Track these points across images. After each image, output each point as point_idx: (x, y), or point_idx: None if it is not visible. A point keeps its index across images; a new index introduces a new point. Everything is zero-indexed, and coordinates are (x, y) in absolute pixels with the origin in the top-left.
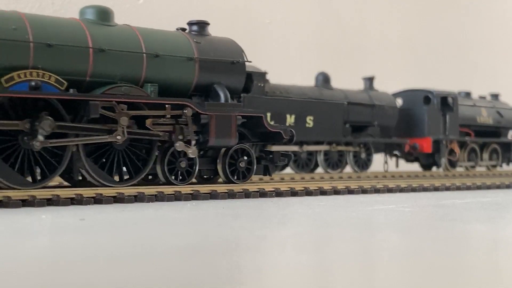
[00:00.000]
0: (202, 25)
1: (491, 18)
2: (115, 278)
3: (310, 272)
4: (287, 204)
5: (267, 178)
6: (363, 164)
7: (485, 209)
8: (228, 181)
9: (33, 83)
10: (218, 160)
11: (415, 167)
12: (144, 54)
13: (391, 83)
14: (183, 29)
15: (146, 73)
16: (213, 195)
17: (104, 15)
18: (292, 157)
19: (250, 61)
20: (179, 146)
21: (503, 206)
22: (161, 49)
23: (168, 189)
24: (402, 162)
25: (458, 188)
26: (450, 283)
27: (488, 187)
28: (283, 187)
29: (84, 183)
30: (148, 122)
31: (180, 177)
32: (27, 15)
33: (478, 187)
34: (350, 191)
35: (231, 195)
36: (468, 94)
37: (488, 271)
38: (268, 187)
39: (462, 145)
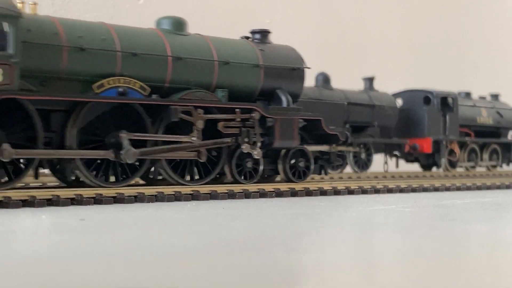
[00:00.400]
0: (264, 34)
1: (491, 18)
2: (115, 278)
3: (310, 272)
4: (287, 204)
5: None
6: (363, 164)
7: (485, 209)
8: (288, 180)
9: (120, 89)
10: (278, 161)
11: (415, 167)
12: (216, 62)
13: (391, 83)
14: (247, 37)
15: (217, 79)
16: (213, 196)
17: (178, 25)
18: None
19: (309, 67)
20: (246, 148)
21: (503, 206)
22: (230, 56)
23: (168, 190)
24: (402, 162)
25: (458, 189)
26: (450, 283)
27: (488, 188)
28: (283, 187)
29: (161, 182)
30: (220, 125)
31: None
32: (114, 26)
33: (478, 188)
34: (350, 192)
35: (231, 195)
36: (468, 94)
37: (488, 271)
38: (268, 188)
39: (462, 145)
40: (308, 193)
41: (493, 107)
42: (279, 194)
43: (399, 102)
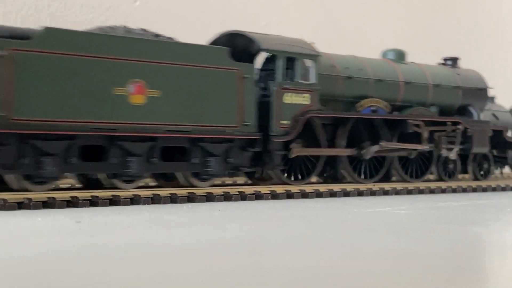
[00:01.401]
0: (455, 60)
1: (486, 21)
2: (110, 280)
3: (305, 274)
4: (283, 206)
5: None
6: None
7: (480, 211)
8: (475, 178)
9: (373, 108)
10: (467, 162)
11: None
12: (430, 85)
13: None
14: (442, 63)
15: (430, 99)
16: (209, 198)
17: (401, 56)
18: None
19: (492, 87)
20: (445, 152)
21: (499, 208)
22: (439, 80)
23: (164, 192)
24: None
25: (454, 191)
26: (445, 285)
27: (484, 190)
28: (279, 189)
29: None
30: (436, 135)
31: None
32: (364, 59)
33: (474, 190)
34: (346, 194)
35: (227, 197)
36: None
37: (484, 273)
38: (264, 190)
39: None
40: (304, 195)
41: (489, 109)
42: (275, 196)
43: None
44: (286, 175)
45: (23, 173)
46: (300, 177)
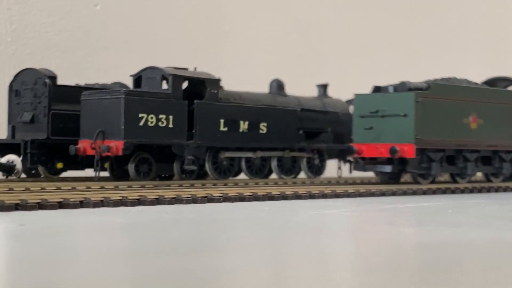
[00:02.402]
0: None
1: (450, 24)
2: (47, 283)
3: (221, 277)
4: (234, 209)
5: (219, 183)
6: (316, 170)
7: (421, 213)
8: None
9: None
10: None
11: (369, 173)
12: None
13: (349, 89)
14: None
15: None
16: (160, 201)
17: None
18: None
19: None
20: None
21: (440, 211)
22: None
23: (114, 195)
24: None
25: (405, 193)
26: (360, 285)
27: (434, 192)
28: (231, 192)
29: None
30: None
31: None
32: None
33: (424, 192)
34: (298, 196)
35: (178, 200)
36: None
37: (407, 272)
38: (216, 192)
39: None
40: (256, 198)
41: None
42: (226, 199)
43: (353, 108)
44: None
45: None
46: None
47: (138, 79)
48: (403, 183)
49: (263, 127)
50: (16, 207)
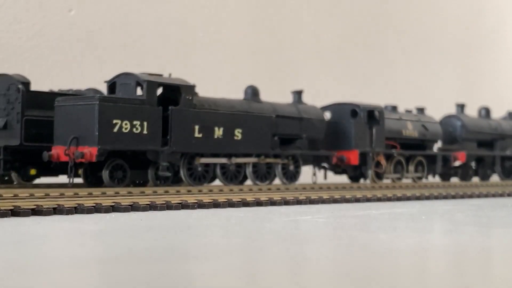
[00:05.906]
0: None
1: (419, 36)
2: None
3: (198, 282)
4: (208, 215)
5: (194, 190)
6: (291, 176)
7: (395, 219)
8: None
9: None
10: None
11: (344, 179)
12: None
13: (322, 96)
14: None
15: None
16: (134, 207)
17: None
18: None
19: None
20: None
21: (414, 217)
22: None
23: (88, 201)
24: (331, 174)
25: (379, 199)
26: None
27: (408, 199)
28: (206, 199)
29: None
30: None
31: None
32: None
33: (398, 198)
34: (272, 203)
35: (152, 207)
36: (394, 108)
37: (375, 278)
38: (191, 199)
39: (388, 157)
40: (231, 204)
41: (418, 120)
42: (201, 205)
43: (327, 115)
44: None
45: None
46: None
47: (112, 85)
48: (378, 189)
49: (238, 134)
50: None
